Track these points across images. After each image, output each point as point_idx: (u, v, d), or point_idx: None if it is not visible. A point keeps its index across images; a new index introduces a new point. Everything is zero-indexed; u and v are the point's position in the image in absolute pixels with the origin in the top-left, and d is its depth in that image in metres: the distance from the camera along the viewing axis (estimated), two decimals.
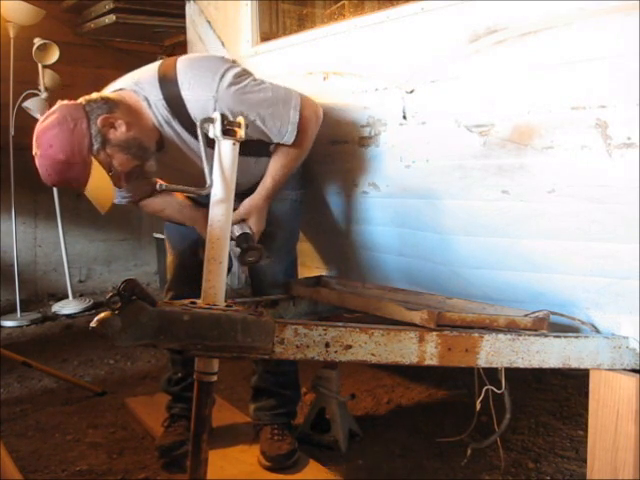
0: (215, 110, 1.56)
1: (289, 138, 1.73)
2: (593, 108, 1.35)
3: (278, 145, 1.77)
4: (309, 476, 1.88)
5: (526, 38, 1.43)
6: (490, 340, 1.44)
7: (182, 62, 1.70)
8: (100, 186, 1.60)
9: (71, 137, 1.54)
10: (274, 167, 1.79)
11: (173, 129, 1.70)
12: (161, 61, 1.76)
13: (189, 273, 1.94)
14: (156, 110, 1.68)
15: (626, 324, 1.57)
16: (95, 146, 1.57)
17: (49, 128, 1.55)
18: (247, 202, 1.78)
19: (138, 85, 1.69)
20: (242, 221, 1.76)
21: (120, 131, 1.61)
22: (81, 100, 1.63)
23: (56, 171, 1.56)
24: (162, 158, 1.73)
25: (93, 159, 1.57)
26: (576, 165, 1.43)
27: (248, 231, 1.74)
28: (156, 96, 1.67)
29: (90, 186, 1.58)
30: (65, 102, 1.62)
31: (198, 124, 1.35)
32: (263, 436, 1.99)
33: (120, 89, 1.70)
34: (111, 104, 1.62)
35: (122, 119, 1.61)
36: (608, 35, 1.31)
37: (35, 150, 1.57)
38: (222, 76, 1.66)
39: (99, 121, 1.58)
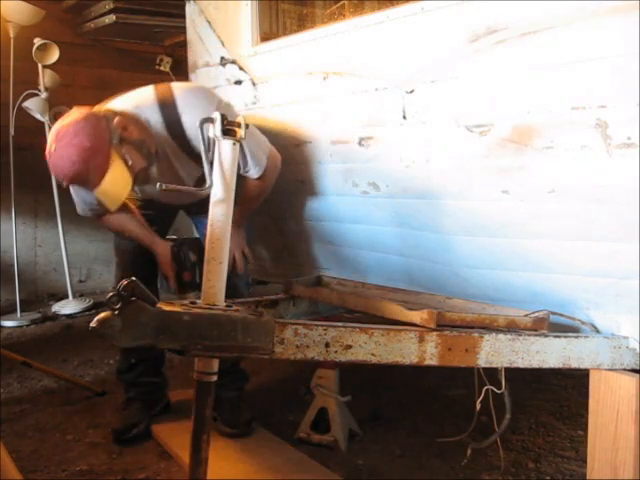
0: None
1: (255, 173, 1.99)
2: (593, 108, 1.35)
3: (245, 184, 2.01)
4: (309, 476, 1.89)
5: (526, 38, 1.43)
6: (490, 340, 1.44)
7: (179, 90, 1.91)
8: (118, 178, 1.72)
9: (95, 129, 1.70)
10: (239, 200, 1.97)
11: (170, 147, 1.91)
12: (153, 87, 1.94)
13: (142, 271, 2.04)
14: (155, 131, 1.87)
15: (626, 324, 1.57)
16: (114, 140, 1.72)
17: (74, 123, 1.70)
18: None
19: (139, 109, 1.88)
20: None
21: (133, 133, 1.79)
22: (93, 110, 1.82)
23: (81, 158, 1.66)
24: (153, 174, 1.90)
25: (112, 151, 1.70)
26: (576, 165, 1.43)
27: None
28: (157, 119, 1.87)
29: (108, 178, 1.69)
30: (79, 108, 1.78)
31: (198, 124, 1.35)
32: (222, 410, 2.14)
33: (123, 110, 1.86)
34: (120, 114, 1.81)
35: (133, 125, 1.80)
36: (608, 35, 1.31)
37: (54, 145, 1.68)
38: (218, 105, 1.87)
39: (115, 121, 1.75)
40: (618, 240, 1.46)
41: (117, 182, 1.73)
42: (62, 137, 1.68)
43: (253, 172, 1.99)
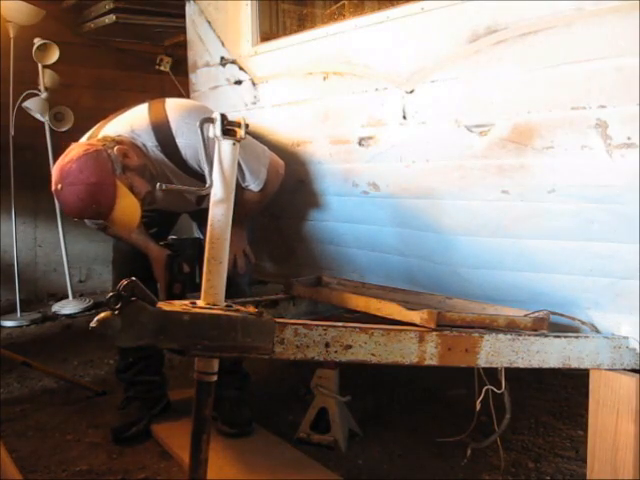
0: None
1: (255, 188, 2.02)
2: (593, 108, 1.35)
3: (246, 195, 2.03)
4: (309, 476, 1.89)
5: (526, 38, 1.43)
6: (490, 340, 1.44)
7: (173, 111, 1.91)
8: (127, 206, 1.74)
9: (97, 162, 1.71)
10: (241, 208, 1.97)
11: (168, 168, 1.94)
12: (147, 107, 1.95)
13: (139, 271, 2.06)
14: (152, 154, 1.90)
15: (626, 324, 1.57)
16: (117, 170, 1.73)
17: (75, 159, 1.70)
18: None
19: (134, 132, 1.90)
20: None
21: (133, 159, 1.81)
22: (91, 141, 1.84)
23: (89, 194, 1.68)
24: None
25: (118, 182, 1.72)
26: (576, 165, 1.43)
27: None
28: (152, 143, 1.89)
29: (117, 208, 1.71)
30: (78, 143, 1.81)
31: (198, 124, 1.35)
32: (222, 409, 2.14)
33: (119, 135, 1.87)
34: (118, 141, 1.82)
35: (132, 151, 1.82)
36: (608, 35, 1.31)
37: (59, 184, 1.70)
38: None
39: (115, 150, 1.76)
40: (618, 240, 1.46)
41: (127, 210, 1.75)
42: (67, 175, 1.69)
43: (253, 186, 2.01)
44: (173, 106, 1.93)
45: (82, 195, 1.68)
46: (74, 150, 1.75)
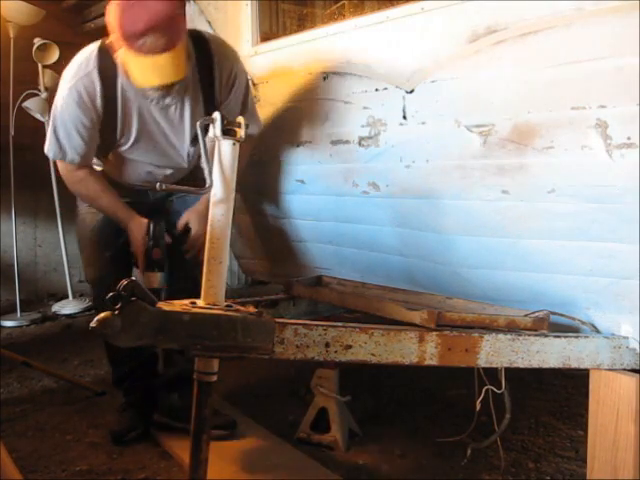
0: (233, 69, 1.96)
1: (254, 129, 1.99)
2: (593, 108, 1.35)
3: None
4: (309, 476, 1.89)
5: (526, 38, 1.43)
6: (490, 340, 1.44)
7: (208, 33, 2.01)
8: (182, 59, 1.73)
9: (178, 10, 1.71)
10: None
11: (193, 83, 1.92)
12: None
13: (109, 254, 2.04)
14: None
15: (626, 324, 1.58)
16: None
17: None
18: (190, 210, 2.04)
19: None
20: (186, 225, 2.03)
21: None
22: None
23: (165, 19, 1.65)
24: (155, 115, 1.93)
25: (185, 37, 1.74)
26: (576, 165, 1.43)
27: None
28: (191, 51, 1.88)
29: (176, 50, 1.68)
30: None
31: (198, 124, 1.35)
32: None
33: None
34: None
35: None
36: (608, 35, 1.31)
37: None
38: (239, 59, 2.01)
39: None
40: (618, 240, 1.46)
41: (179, 60, 1.72)
42: None
43: (252, 127, 1.93)
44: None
45: (159, 15, 1.65)
46: None
